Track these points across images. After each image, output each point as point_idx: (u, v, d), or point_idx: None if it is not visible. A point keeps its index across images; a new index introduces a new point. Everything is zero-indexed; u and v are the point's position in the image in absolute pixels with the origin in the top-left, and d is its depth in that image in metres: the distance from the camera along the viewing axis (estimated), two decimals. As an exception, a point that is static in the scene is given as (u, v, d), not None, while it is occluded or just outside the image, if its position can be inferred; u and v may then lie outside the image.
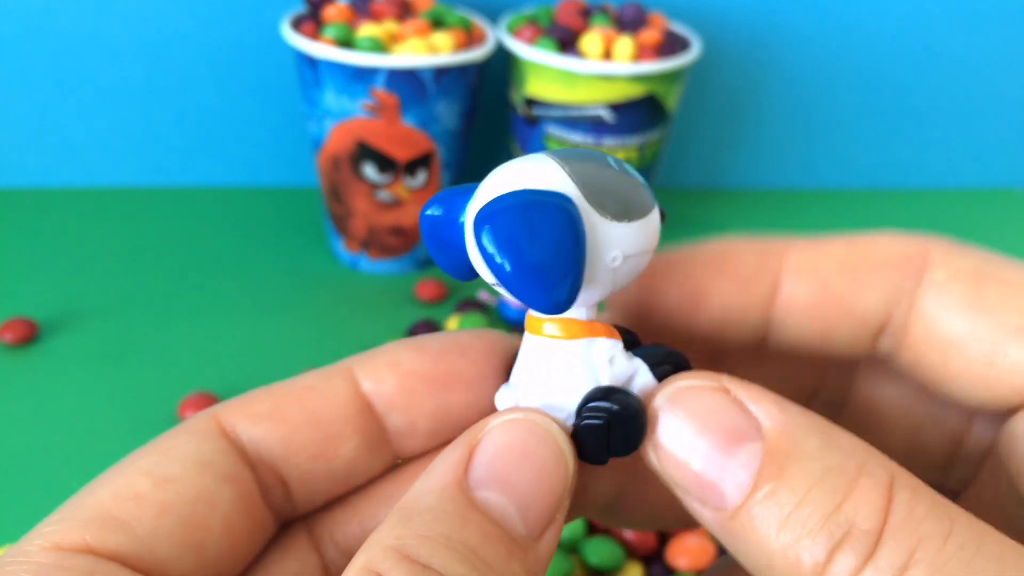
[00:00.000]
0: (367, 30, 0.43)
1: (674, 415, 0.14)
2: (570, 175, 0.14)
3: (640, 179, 0.15)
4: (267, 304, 0.46)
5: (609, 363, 0.15)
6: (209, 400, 0.37)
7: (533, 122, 0.47)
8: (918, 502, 0.13)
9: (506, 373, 0.16)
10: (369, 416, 0.16)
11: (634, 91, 0.44)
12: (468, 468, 0.14)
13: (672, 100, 0.47)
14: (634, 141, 0.46)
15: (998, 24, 0.58)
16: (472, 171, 0.58)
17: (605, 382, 0.15)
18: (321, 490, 0.16)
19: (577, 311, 0.15)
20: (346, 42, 0.43)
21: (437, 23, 0.46)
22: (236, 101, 0.54)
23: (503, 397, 0.16)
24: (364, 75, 0.42)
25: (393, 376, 0.16)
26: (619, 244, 0.14)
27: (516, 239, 0.13)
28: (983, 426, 0.18)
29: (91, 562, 0.14)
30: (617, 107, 0.45)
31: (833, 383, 0.19)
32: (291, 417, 0.16)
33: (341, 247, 0.49)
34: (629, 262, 0.15)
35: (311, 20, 0.45)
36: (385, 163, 0.45)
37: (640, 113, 0.45)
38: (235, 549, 0.15)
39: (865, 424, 0.19)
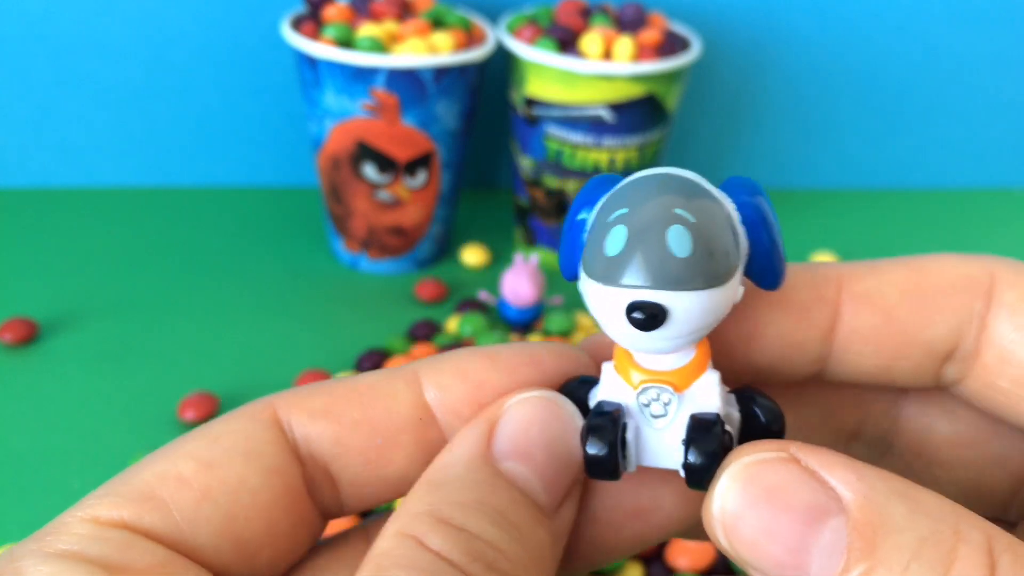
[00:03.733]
0: (367, 30, 0.43)
1: (746, 494, 0.13)
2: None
3: None
4: (267, 304, 0.46)
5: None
6: (209, 400, 0.37)
7: (533, 122, 0.47)
8: (1020, 565, 0.12)
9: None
10: (430, 426, 0.16)
11: (634, 91, 0.44)
12: (491, 441, 0.14)
13: (672, 100, 0.47)
14: (634, 141, 0.46)
15: (998, 24, 0.58)
16: (472, 171, 0.58)
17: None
18: (372, 494, 0.16)
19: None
20: (346, 42, 0.43)
21: (437, 23, 0.46)
22: (236, 101, 0.54)
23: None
24: (364, 75, 0.42)
25: (461, 385, 0.15)
26: None
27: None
28: None
29: (128, 537, 0.13)
30: (617, 107, 0.45)
31: (877, 421, 0.18)
32: (347, 417, 0.15)
33: (341, 247, 0.49)
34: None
35: (311, 20, 0.45)
36: (385, 163, 0.45)
37: (640, 113, 0.45)
38: (277, 543, 0.15)
39: (916, 466, 0.18)
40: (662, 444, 0.15)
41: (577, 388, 0.16)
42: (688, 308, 0.14)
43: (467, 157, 0.50)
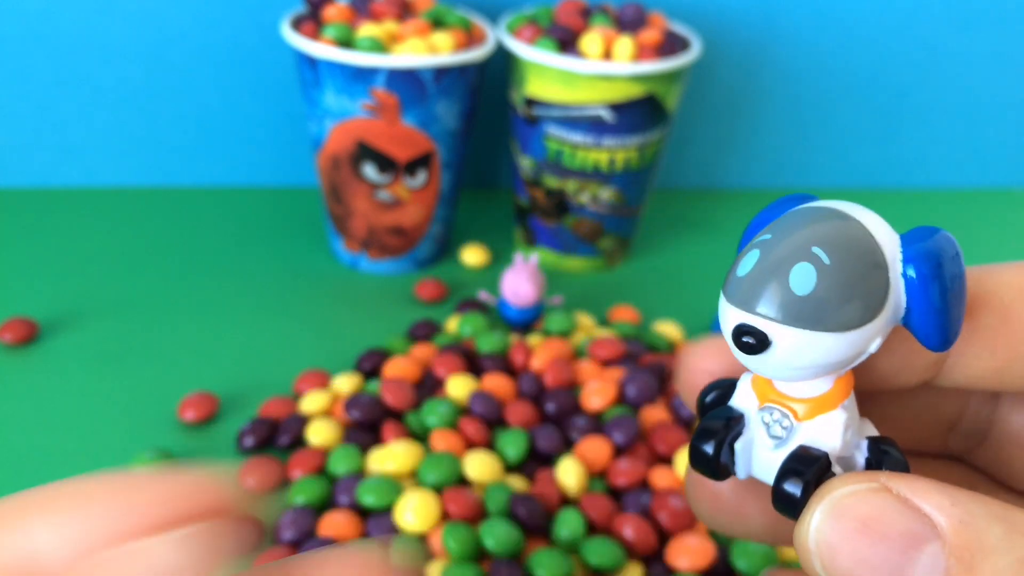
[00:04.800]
0: (367, 30, 0.43)
1: (841, 526, 0.13)
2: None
3: None
4: (267, 304, 0.46)
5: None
6: (209, 400, 0.37)
7: (533, 122, 0.47)
8: None
9: None
10: None
11: (634, 91, 0.44)
12: None
13: (672, 100, 0.47)
14: (634, 141, 0.46)
15: (998, 24, 0.58)
16: (472, 171, 0.58)
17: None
18: None
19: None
20: (346, 42, 0.43)
21: (437, 23, 0.46)
22: (236, 101, 0.54)
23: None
24: (364, 75, 0.42)
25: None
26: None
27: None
28: None
29: None
30: (617, 107, 0.45)
31: (976, 412, 0.18)
32: None
33: (341, 247, 0.49)
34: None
35: (311, 20, 0.45)
36: (385, 163, 0.45)
37: (640, 113, 0.45)
38: None
39: (1010, 455, 0.18)
40: (772, 464, 0.15)
41: (727, 388, 0.16)
42: (795, 345, 0.14)
43: (467, 157, 0.50)
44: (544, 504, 0.33)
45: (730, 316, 0.14)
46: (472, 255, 0.51)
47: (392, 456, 0.34)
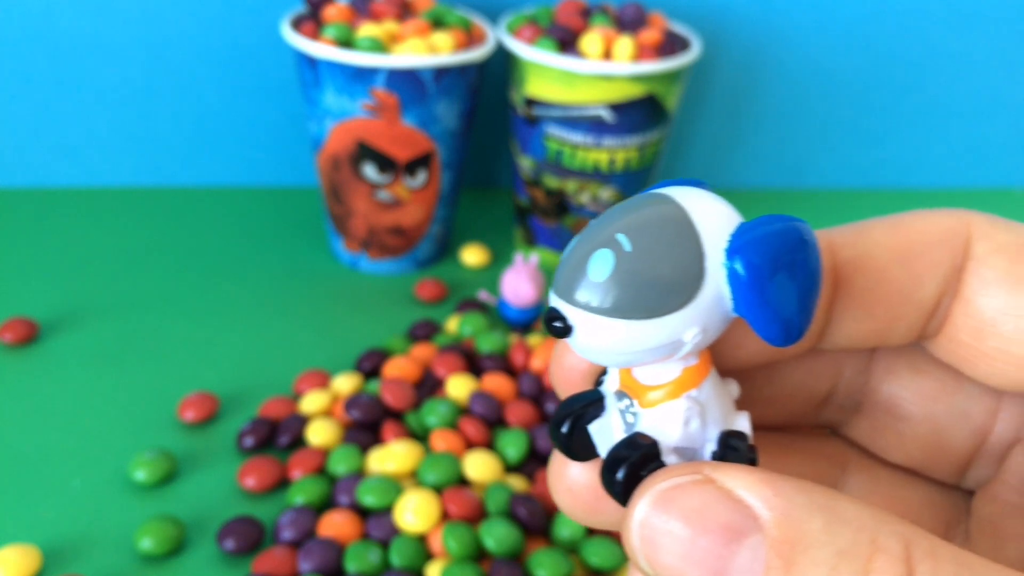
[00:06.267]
0: (367, 30, 0.43)
1: (663, 520, 0.13)
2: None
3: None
4: (267, 304, 0.46)
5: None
6: (209, 400, 0.37)
7: (533, 122, 0.47)
8: (940, 570, 0.12)
9: None
10: None
11: (634, 91, 0.44)
12: None
13: (672, 100, 0.47)
14: (634, 141, 0.46)
15: (998, 24, 0.58)
16: (472, 171, 0.58)
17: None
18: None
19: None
20: (346, 42, 0.43)
21: (437, 23, 0.46)
22: (236, 101, 0.54)
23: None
24: (364, 75, 0.42)
25: None
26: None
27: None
28: (1009, 420, 0.18)
29: None
30: (617, 107, 0.45)
31: (849, 383, 0.18)
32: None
33: (341, 247, 0.49)
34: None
35: (311, 20, 0.45)
36: (385, 163, 0.45)
37: (640, 113, 0.45)
38: None
39: (882, 425, 0.18)
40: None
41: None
42: (592, 331, 0.13)
43: (467, 157, 0.50)
44: (544, 504, 0.33)
45: (549, 301, 0.14)
46: (472, 255, 0.51)
47: (392, 456, 0.34)
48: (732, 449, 0.14)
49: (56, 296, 0.44)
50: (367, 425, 0.36)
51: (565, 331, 0.14)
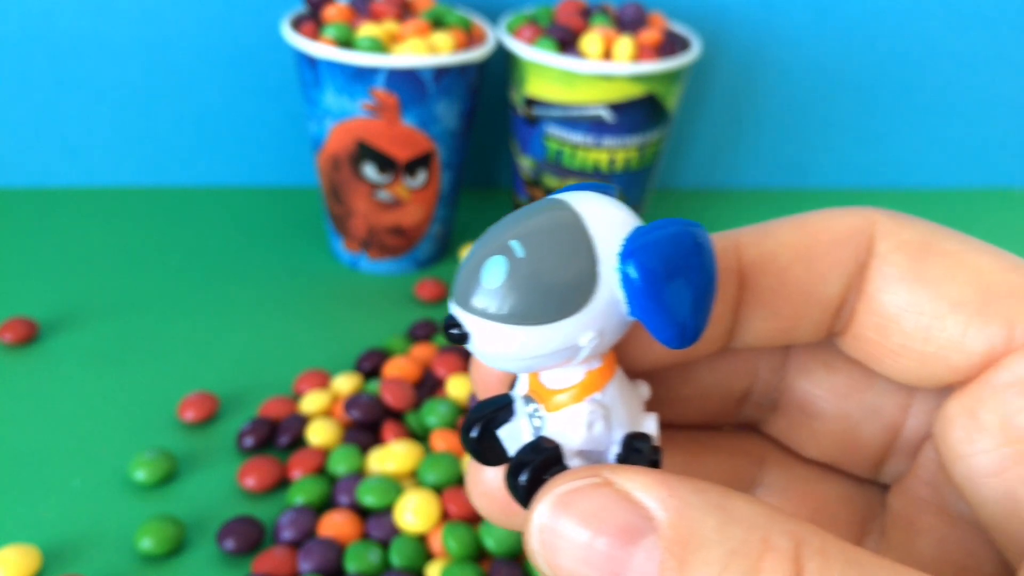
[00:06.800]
0: (367, 30, 0.43)
1: (561, 524, 0.13)
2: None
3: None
4: (267, 304, 0.46)
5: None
6: (209, 400, 0.37)
7: (533, 122, 0.47)
8: (829, 568, 0.12)
9: None
10: None
11: (634, 91, 0.44)
12: None
13: (672, 100, 0.47)
14: (634, 141, 0.46)
15: (998, 24, 0.58)
16: (472, 171, 0.58)
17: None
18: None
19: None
20: (346, 42, 0.43)
21: (437, 23, 0.46)
22: (236, 101, 0.54)
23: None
24: (364, 75, 0.42)
25: None
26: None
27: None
28: (920, 415, 0.18)
29: None
30: (617, 107, 0.45)
31: (767, 381, 0.19)
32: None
33: (341, 247, 0.49)
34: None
35: (311, 20, 0.45)
36: (385, 163, 0.45)
37: (640, 113, 0.45)
38: None
39: (798, 422, 0.18)
40: None
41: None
42: (487, 337, 0.13)
43: (467, 157, 0.50)
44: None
45: (449, 307, 0.14)
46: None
47: (392, 456, 0.34)
48: (635, 451, 0.14)
49: (56, 296, 0.44)
50: (367, 425, 0.36)
51: (462, 338, 0.14)
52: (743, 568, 0.12)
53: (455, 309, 0.14)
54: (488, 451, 0.15)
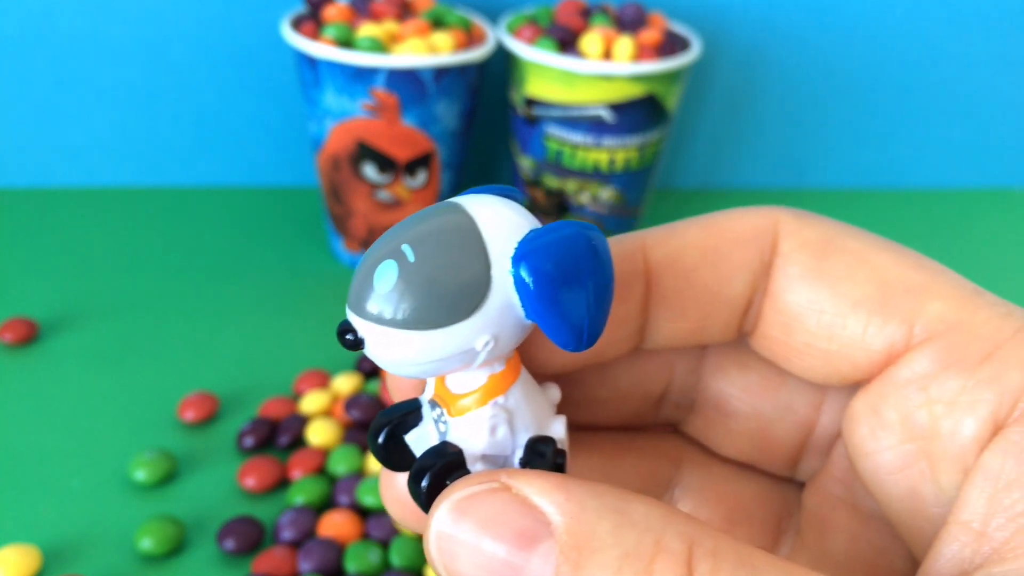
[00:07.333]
0: (367, 30, 0.43)
1: (459, 530, 0.13)
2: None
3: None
4: (267, 304, 0.46)
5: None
6: (209, 400, 0.37)
7: (533, 122, 0.47)
8: (720, 569, 0.12)
9: None
10: None
11: (634, 91, 0.44)
12: None
13: (672, 100, 0.47)
14: (634, 141, 0.46)
15: (998, 24, 0.58)
16: (472, 171, 0.58)
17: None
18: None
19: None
20: (346, 42, 0.43)
21: (437, 23, 0.46)
22: (236, 101, 0.54)
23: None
24: (364, 75, 0.42)
25: None
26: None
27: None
28: (831, 413, 0.18)
29: None
30: (617, 107, 0.45)
31: (683, 381, 0.19)
32: None
33: (341, 247, 0.49)
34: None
35: (311, 20, 0.45)
36: (385, 163, 0.45)
37: (640, 113, 0.45)
38: None
39: (714, 421, 0.19)
40: None
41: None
42: (380, 343, 0.13)
43: (467, 157, 0.50)
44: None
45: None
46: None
47: (392, 456, 0.34)
48: (538, 455, 0.14)
49: (56, 296, 0.44)
50: (367, 425, 0.36)
51: (356, 344, 0.13)
52: (635, 570, 0.12)
53: (349, 314, 0.13)
54: (395, 456, 0.15)
